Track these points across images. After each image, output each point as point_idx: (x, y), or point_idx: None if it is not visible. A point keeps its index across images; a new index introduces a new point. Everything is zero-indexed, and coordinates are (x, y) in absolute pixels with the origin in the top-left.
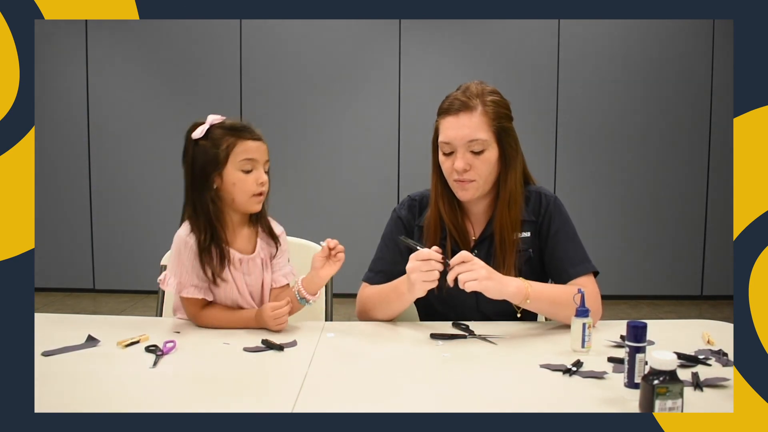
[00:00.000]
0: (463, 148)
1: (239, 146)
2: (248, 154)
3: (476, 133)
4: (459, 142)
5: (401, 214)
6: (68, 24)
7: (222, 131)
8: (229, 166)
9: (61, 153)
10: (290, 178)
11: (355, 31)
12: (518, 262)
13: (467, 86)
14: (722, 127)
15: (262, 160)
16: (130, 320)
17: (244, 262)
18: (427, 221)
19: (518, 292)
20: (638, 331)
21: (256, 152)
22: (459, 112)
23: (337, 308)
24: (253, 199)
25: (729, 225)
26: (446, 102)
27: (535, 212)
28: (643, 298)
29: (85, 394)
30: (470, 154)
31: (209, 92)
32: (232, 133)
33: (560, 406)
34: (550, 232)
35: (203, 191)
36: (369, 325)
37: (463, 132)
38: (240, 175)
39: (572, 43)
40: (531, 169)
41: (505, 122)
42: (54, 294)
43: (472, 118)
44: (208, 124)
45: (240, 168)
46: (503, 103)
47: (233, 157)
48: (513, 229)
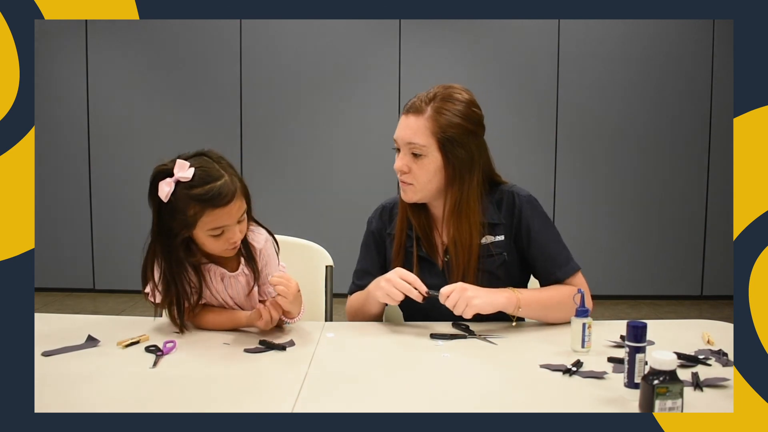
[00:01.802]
0: (404, 149)
1: (207, 216)
2: (217, 223)
3: (415, 137)
4: (401, 141)
5: (372, 228)
6: (68, 24)
7: (188, 198)
8: (197, 230)
9: (61, 153)
10: (289, 177)
11: (355, 31)
12: (489, 266)
13: (434, 89)
14: (722, 127)
15: (234, 221)
16: (130, 320)
17: (226, 278)
18: (395, 229)
19: (509, 303)
20: (638, 331)
21: (227, 218)
22: (409, 113)
23: (337, 308)
24: (225, 251)
25: (729, 225)
26: (410, 99)
27: (507, 214)
28: (643, 298)
29: (85, 394)
30: (411, 157)
31: (209, 92)
32: (199, 203)
33: (560, 406)
34: (530, 233)
35: (169, 246)
36: (369, 326)
37: (404, 132)
38: (208, 239)
39: (572, 43)
40: (531, 169)
41: (456, 134)
42: (54, 294)
43: (417, 122)
44: (173, 183)
45: (209, 234)
46: (466, 115)
47: (201, 225)
48: (470, 238)
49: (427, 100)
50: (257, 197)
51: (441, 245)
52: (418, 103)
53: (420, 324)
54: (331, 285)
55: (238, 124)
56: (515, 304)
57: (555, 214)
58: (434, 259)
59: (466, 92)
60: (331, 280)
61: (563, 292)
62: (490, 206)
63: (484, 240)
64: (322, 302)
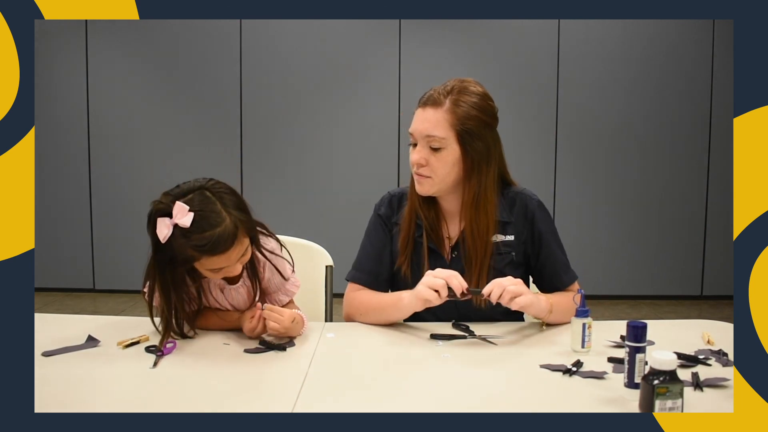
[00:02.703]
0: (422, 142)
1: (204, 261)
2: (216, 265)
3: (434, 129)
4: (418, 135)
5: (380, 212)
6: (68, 24)
7: (186, 244)
8: (197, 265)
9: (61, 153)
10: (289, 177)
11: (355, 31)
12: (497, 264)
13: (450, 82)
14: (722, 127)
15: (233, 263)
16: (130, 320)
17: (226, 289)
18: (403, 216)
19: (547, 306)
20: (638, 331)
21: (225, 261)
22: (426, 106)
23: (337, 308)
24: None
25: (729, 225)
26: (425, 93)
27: (520, 216)
28: (643, 298)
29: (85, 394)
30: (428, 150)
31: (209, 92)
32: (198, 252)
33: (560, 406)
34: (542, 239)
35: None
36: (369, 326)
37: (423, 126)
38: (209, 271)
39: (572, 43)
40: (531, 168)
41: (474, 126)
42: (54, 294)
43: (436, 114)
44: (171, 226)
45: (208, 270)
46: (482, 107)
47: (199, 265)
48: (487, 233)
49: (444, 93)
50: (257, 197)
51: (447, 240)
52: (435, 96)
53: (420, 324)
54: (331, 285)
55: (238, 124)
56: (549, 308)
57: (555, 214)
58: (441, 252)
59: (480, 85)
60: (331, 280)
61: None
62: (501, 205)
63: (494, 238)
64: (322, 302)
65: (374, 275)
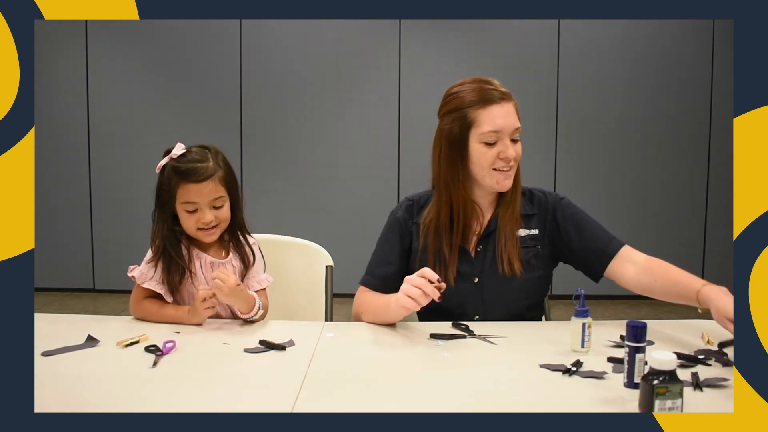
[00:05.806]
0: (507, 138)
1: (181, 189)
2: (188, 198)
3: (518, 121)
4: (508, 129)
5: (399, 215)
6: (68, 24)
7: (170, 170)
8: (177, 203)
9: (61, 153)
10: (290, 177)
11: (355, 31)
12: (525, 255)
13: (487, 79)
14: (722, 127)
15: (206, 201)
16: (130, 320)
17: (215, 265)
18: (429, 218)
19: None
20: (638, 331)
21: (197, 196)
22: (502, 101)
23: (337, 308)
24: (199, 233)
25: (729, 225)
26: (479, 93)
27: (541, 210)
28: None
29: (85, 394)
30: (511, 143)
31: (209, 92)
32: (176, 175)
33: (560, 406)
34: (568, 223)
35: (163, 214)
36: (369, 325)
37: (510, 120)
38: (183, 213)
39: (572, 43)
40: (531, 168)
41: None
42: (54, 294)
43: (513, 108)
44: (167, 159)
45: (183, 209)
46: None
47: (177, 198)
48: (516, 225)
49: (502, 86)
50: (257, 197)
51: (473, 236)
52: (504, 90)
53: (420, 324)
54: (331, 285)
55: (238, 123)
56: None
57: None
58: (468, 247)
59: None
60: (331, 280)
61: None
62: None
63: (519, 232)
64: (322, 302)
65: (382, 279)
